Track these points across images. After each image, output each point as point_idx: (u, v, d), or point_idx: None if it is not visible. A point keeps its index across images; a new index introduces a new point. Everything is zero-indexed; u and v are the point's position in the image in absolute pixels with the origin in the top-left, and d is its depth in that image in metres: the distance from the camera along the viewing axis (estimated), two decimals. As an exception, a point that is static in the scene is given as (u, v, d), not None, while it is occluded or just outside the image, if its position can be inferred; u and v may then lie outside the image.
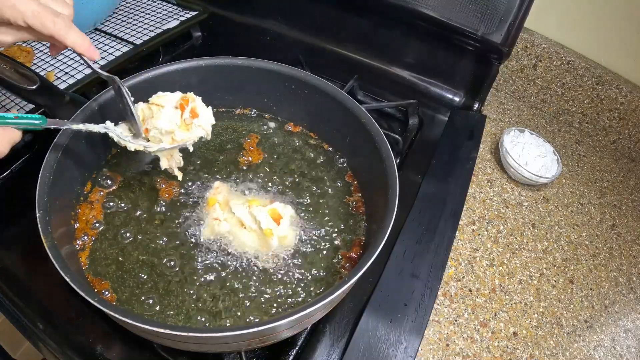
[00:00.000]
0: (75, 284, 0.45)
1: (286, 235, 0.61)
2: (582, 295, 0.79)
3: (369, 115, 0.66)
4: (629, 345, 0.75)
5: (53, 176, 0.55)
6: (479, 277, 0.78)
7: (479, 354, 0.68)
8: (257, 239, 0.61)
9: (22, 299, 0.60)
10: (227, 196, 0.65)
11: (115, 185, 0.67)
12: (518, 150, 0.96)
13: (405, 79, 1.04)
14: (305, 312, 0.45)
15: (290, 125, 0.78)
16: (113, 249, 0.60)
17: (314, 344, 0.59)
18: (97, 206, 0.64)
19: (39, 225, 0.49)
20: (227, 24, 1.16)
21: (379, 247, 0.50)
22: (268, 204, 0.63)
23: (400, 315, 0.62)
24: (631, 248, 0.90)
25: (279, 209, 0.62)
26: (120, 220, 0.63)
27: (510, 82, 1.19)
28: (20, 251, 0.64)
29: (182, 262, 0.59)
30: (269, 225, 0.60)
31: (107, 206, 0.64)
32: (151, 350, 0.57)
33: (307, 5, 1.09)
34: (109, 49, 0.92)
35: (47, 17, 0.50)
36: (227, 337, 0.45)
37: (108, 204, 0.64)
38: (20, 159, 0.74)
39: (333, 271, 0.60)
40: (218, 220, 0.62)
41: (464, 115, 0.97)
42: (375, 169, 0.62)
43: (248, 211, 0.61)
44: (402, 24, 1.00)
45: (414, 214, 0.75)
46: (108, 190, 0.66)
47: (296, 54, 1.00)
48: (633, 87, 1.05)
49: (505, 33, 0.89)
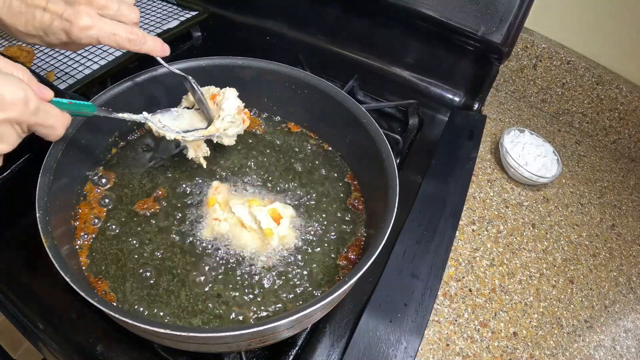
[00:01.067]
0: (75, 284, 0.45)
1: (286, 235, 0.61)
2: (582, 295, 0.79)
3: (369, 115, 0.66)
4: (629, 345, 0.75)
5: (53, 176, 0.55)
6: (479, 277, 0.78)
7: (479, 354, 0.68)
8: (257, 238, 0.61)
9: (22, 299, 0.60)
10: (226, 196, 0.65)
11: (114, 185, 0.67)
12: (518, 150, 0.96)
13: (405, 79, 1.04)
14: (305, 312, 0.45)
15: (290, 125, 0.78)
16: (113, 248, 0.60)
17: (314, 344, 0.59)
18: (96, 206, 0.64)
19: (39, 225, 0.49)
20: (227, 24, 1.16)
21: (379, 247, 0.50)
22: (268, 204, 0.63)
23: (401, 315, 0.62)
24: (631, 248, 0.90)
25: (280, 209, 0.62)
26: (120, 220, 0.63)
27: (510, 82, 1.19)
28: (20, 251, 0.64)
29: (182, 261, 0.59)
30: (269, 225, 0.60)
31: (106, 205, 0.64)
32: (151, 350, 0.56)
33: (307, 5, 1.09)
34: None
35: (122, 38, 0.53)
36: (227, 337, 0.45)
37: (107, 203, 0.64)
38: (20, 159, 0.74)
39: (333, 271, 0.60)
40: (218, 220, 0.62)
41: (464, 115, 0.97)
42: (375, 169, 0.62)
43: (248, 211, 0.61)
44: (402, 24, 1.00)
45: (414, 214, 0.75)
46: (108, 190, 0.66)
47: (296, 54, 1.00)
48: (633, 87, 1.05)
49: (505, 33, 0.89)
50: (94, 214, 0.63)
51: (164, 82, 0.71)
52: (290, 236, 0.62)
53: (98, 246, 0.60)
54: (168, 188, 0.67)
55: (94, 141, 0.66)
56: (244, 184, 0.69)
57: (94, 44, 0.53)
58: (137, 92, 0.68)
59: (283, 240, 0.61)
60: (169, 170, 0.70)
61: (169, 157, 0.72)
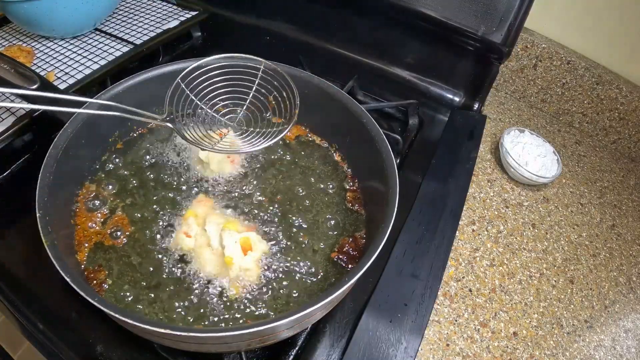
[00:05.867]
0: (75, 284, 0.45)
1: (249, 269, 0.57)
2: (582, 295, 0.79)
3: (369, 115, 0.66)
4: (629, 345, 0.75)
5: (53, 176, 0.55)
6: (479, 277, 0.78)
7: (479, 354, 0.68)
8: (218, 264, 0.58)
9: (22, 299, 0.60)
10: (207, 211, 0.63)
11: (113, 185, 0.67)
12: (518, 150, 0.96)
13: (405, 79, 1.04)
14: (305, 312, 0.45)
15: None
16: (112, 248, 0.60)
17: (314, 344, 0.59)
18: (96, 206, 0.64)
19: (39, 225, 0.49)
20: (227, 24, 1.16)
21: (379, 247, 0.50)
22: (245, 230, 0.60)
23: (401, 315, 0.62)
24: (631, 248, 0.90)
25: (252, 240, 0.58)
26: (119, 219, 0.63)
27: (510, 82, 1.19)
28: (20, 251, 0.64)
29: (159, 267, 0.59)
30: (232, 253, 0.56)
31: (106, 205, 0.64)
32: (151, 350, 0.56)
33: (307, 5, 1.09)
34: (109, 49, 0.92)
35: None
36: (226, 337, 0.45)
37: (107, 203, 0.64)
38: (20, 159, 0.74)
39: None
40: (186, 234, 0.60)
41: (464, 115, 0.97)
42: (375, 169, 0.62)
43: (220, 232, 0.59)
44: (402, 24, 1.00)
45: (414, 214, 0.75)
46: (107, 189, 0.66)
47: (296, 54, 1.00)
48: (633, 87, 1.05)
49: (505, 33, 0.89)
50: (93, 214, 0.63)
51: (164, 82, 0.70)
52: (253, 272, 0.58)
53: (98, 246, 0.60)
54: (163, 188, 0.67)
55: (93, 141, 0.66)
56: (243, 183, 0.69)
57: None
58: (137, 92, 0.68)
59: (246, 272, 0.57)
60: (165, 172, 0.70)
61: (167, 157, 0.72)
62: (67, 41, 0.94)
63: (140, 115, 0.59)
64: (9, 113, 0.74)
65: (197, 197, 0.66)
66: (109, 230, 0.61)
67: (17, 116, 0.73)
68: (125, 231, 0.62)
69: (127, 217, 0.63)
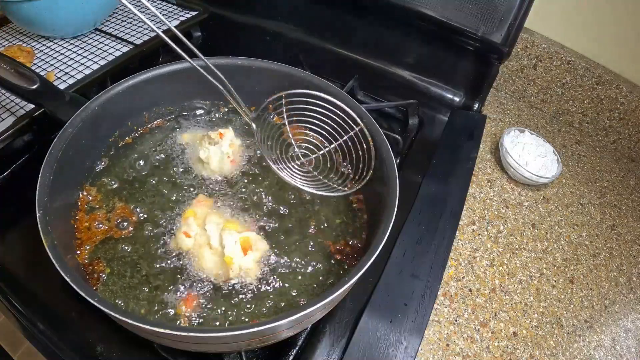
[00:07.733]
0: (75, 284, 0.45)
1: (249, 269, 0.58)
2: (582, 295, 0.79)
3: (369, 115, 0.66)
4: (629, 345, 0.75)
5: (53, 176, 0.55)
6: (479, 277, 0.78)
7: (479, 354, 0.68)
8: (219, 264, 0.58)
9: (22, 299, 0.60)
10: (207, 211, 0.63)
11: (113, 185, 0.67)
12: (518, 150, 0.96)
13: (405, 79, 1.04)
14: (305, 312, 0.45)
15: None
16: (112, 248, 0.60)
17: (314, 344, 0.59)
18: (96, 205, 0.64)
19: (39, 225, 0.49)
20: (227, 24, 1.16)
21: (379, 247, 0.50)
22: (244, 230, 0.60)
23: (401, 315, 0.62)
24: (631, 248, 0.90)
25: (252, 239, 0.59)
26: (119, 219, 0.63)
27: (510, 82, 1.19)
28: (20, 251, 0.64)
29: (159, 267, 0.59)
30: (232, 253, 0.56)
31: (106, 205, 0.64)
32: (151, 350, 0.56)
33: (307, 5, 1.09)
34: (109, 49, 0.91)
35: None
36: (227, 337, 0.45)
37: (107, 203, 0.64)
38: (20, 159, 0.74)
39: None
40: (186, 235, 0.60)
41: (464, 115, 0.97)
42: (376, 169, 0.62)
43: (220, 232, 0.58)
44: (402, 24, 1.00)
45: (414, 214, 0.75)
46: (107, 189, 0.66)
47: (296, 54, 1.00)
48: (633, 87, 1.05)
49: (505, 33, 0.89)
50: (93, 214, 0.63)
51: (164, 82, 0.71)
52: (253, 271, 0.58)
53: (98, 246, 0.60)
54: (164, 187, 0.67)
55: (94, 141, 0.66)
56: (242, 183, 0.69)
57: None
58: (137, 92, 0.68)
59: (246, 272, 0.58)
60: (165, 172, 0.70)
61: (167, 158, 0.72)
62: (67, 41, 0.94)
63: (236, 101, 0.62)
64: (9, 113, 0.74)
65: (197, 197, 0.66)
66: (109, 228, 0.61)
67: (17, 116, 0.73)
68: (126, 229, 0.62)
69: (127, 217, 0.63)
